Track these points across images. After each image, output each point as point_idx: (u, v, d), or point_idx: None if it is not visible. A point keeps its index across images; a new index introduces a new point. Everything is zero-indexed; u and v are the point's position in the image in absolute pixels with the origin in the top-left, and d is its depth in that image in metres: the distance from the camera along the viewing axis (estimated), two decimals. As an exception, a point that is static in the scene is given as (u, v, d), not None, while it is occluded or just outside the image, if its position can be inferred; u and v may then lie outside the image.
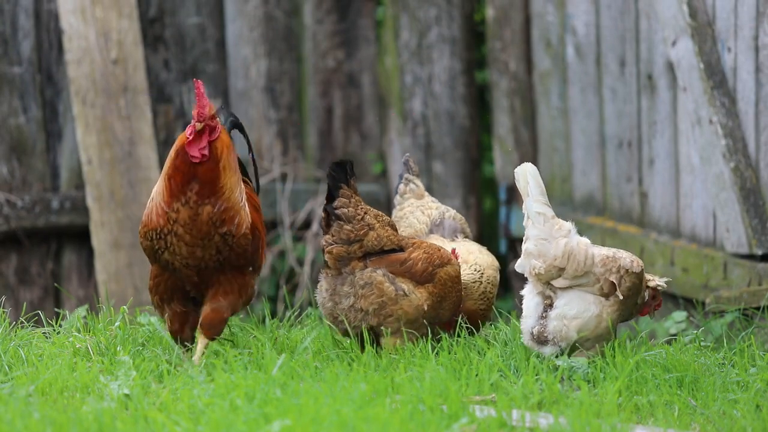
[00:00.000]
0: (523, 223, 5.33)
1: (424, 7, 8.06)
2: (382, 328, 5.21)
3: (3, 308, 5.51)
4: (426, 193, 6.02)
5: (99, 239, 7.52)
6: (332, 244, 5.24)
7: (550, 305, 5.29)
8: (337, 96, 8.12)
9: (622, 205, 7.29)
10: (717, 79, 6.39)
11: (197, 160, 5.11)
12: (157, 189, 5.18)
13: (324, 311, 5.33)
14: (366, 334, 5.21)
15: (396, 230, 5.36)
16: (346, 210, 5.20)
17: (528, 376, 4.78)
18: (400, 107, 8.13)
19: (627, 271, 5.29)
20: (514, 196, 7.90)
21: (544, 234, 5.28)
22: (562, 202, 7.63)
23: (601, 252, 5.33)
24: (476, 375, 4.80)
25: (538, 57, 7.81)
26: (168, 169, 5.14)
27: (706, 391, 4.79)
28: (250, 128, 5.23)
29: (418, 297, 5.27)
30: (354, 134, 8.19)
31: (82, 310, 6.33)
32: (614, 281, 5.25)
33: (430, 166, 8.15)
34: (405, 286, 5.26)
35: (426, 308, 5.27)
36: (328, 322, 5.34)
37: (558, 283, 5.27)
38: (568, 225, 5.34)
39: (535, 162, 7.92)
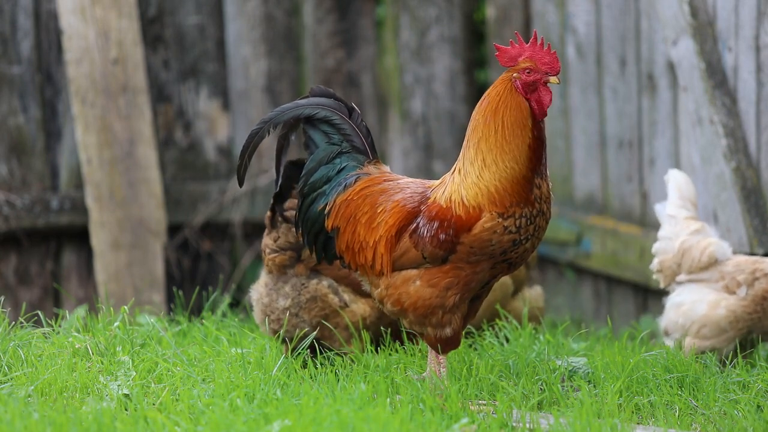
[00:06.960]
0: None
1: (424, 6, 8.05)
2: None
3: (2, 308, 5.50)
4: None
5: (99, 239, 7.50)
6: (276, 252, 5.01)
7: None
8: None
9: (623, 205, 7.29)
10: (718, 78, 6.38)
11: (541, 118, 4.50)
12: (504, 164, 4.48)
13: (258, 306, 5.13)
14: (316, 346, 5.09)
15: None
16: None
17: (528, 377, 4.77)
18: (400, 107, 8.12)
19: (766, 273, 5.28)
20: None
21: (670, 234, 5.43)
22: (563, 201, 7.62)
23: (742, 257, 5.38)
24: (476, 375, 4.79)
25: (539, 57, 7.80)
26: (522, 137, 4.46)
27: (707, 391, 4.78)
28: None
29: (361, 308, 5.12)
30: (354, 134, 8.17)
31: (81, 311, 6.33)
32: (740, 280, 5.28)
33: (431, 165, 8.14)
34: (347, 296, 5.07)
35: (367, 320, 5.10)
36: (258, 321, 5.17)
37: (679, 278, 5.40)
38: (698, 225, 5.42)
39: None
